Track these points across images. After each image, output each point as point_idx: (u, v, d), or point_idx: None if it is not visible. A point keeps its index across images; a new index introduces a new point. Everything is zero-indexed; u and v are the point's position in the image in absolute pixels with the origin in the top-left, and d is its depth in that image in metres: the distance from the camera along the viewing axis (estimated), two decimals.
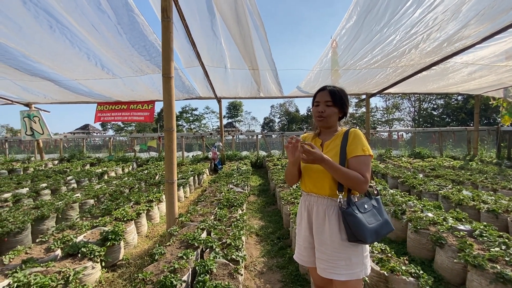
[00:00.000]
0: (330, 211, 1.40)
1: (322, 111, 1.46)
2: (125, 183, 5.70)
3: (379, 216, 1.38)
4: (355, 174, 1.31)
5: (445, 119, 33.50)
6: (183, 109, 44.81)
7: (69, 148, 14.66)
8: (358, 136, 1.40)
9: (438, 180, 5.46)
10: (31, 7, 3.69)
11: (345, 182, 1.33)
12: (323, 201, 1.43)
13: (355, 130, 1.43)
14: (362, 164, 1.34)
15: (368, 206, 1.38)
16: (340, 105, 1.47)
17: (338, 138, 1.46)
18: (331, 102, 1.44)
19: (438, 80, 7.33)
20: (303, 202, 1.55)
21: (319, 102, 1.48)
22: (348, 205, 1.33)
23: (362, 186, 1.31)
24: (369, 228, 1.30)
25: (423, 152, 10.45)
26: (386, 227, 1.37)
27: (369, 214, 1.35)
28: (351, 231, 1.30)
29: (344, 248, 1.35)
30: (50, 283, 1.95)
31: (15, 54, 4.96)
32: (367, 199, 1.42)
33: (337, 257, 1.35)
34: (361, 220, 1.30)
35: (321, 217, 1.42)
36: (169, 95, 3.08)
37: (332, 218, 1.38)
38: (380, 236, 1.34)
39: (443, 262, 2.53)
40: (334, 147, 1.44)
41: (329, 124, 1.49)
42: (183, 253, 2.34)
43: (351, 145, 1.38)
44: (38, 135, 9.32)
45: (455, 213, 3.30)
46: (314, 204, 1.46)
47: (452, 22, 4.10)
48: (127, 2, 3.82)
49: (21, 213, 3.62)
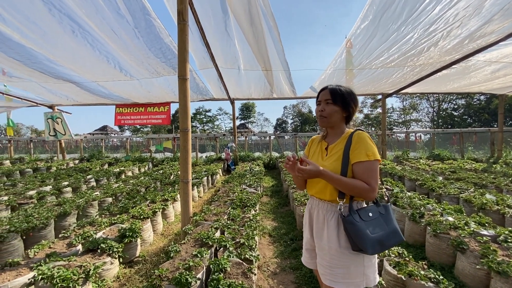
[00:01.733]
0: (330, 216, 1.35)
1: (322, 110, 1.41)
2: (141, 182, 5.86)
3: (386, 225, 1.28)
4: (358, 183, 1.24)
5: (467, 120, 32.12)
6: (197, 111, 45.53)
7: (89, 148, 15.24)
8: (362, 140, 1.30)
9: (459, 183, 5.24)
10: (56, 13, 3.88)
11: (348, 192, 1.27)
12: (323, 205, 1.39)
13: (359, 133, 1.34)
14: (367, 170, 1.25)
15: (374, 214, 1.29)
16: (342, 104, 1.38)
17: (343, 141, 1.38)
18: (331, 100, 1.38)
19: (459, 79, 7.04)
20: (307, 206, 1.54)
21: (320, 101, 1.44)
22: (349, 213, 1.26)
23: (368, 194, 1.24)
24: (371, 238, 1.21)
25: (443, 154, 10.06)
26: (394, 237, 1.27)
27: (373, 223, 1.26)
28: (352, 240, 1.24)
29: (342, 255, 1.29)
30: (72, 276, 2.03)
31: (40, 58, 5.22)
32: (374, 207, 1.32)
33: (335, 264, 1.30)
34: (361, 229, 1.22)
35: (321, 222, 1.38)
36: (184, 96, 3.14)
37: (331, 223, 1.33)
38: (386, 247, 1.25)
39: (465, 268, 2.43)
40: (337, 151, 1.37)
41: (330, 123, 1.42)
42: (198, 252, 2.38)
43: (355, 149, 1.30)
44: (61, 135, 9.75)
45: (477, 217, 3.16)
46: (315, 208, 1.43)
47: (474, 18, 3.93)
48: (144, 6, 3.93)
49: (45, 209, 3.80)
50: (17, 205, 4.38)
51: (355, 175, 1.29)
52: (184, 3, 3.05)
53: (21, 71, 5.78)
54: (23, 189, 5.22)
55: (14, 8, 3.77)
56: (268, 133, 13.46)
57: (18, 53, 4.93)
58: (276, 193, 6.03)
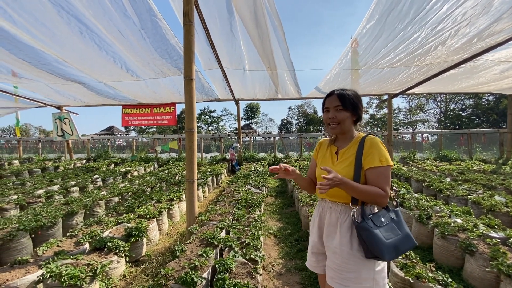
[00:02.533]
0: (343, 218, 1.32)
1: (333, 117, 1.37)
2: (147, 182, 5.91)
3: (399, 230, 1.26)
4: (374, 190, 1.22)
5: (475, 121, 31.57)
6: (202, 111, 45.75)
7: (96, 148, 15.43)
8: (375, 145, 1.29)
9: (467, 184, 5.15)
10: (64, 15, 3.94)
11: (363, 199, 1.25)
12: (336, 207, 1.36)
13: (372, 138, 1.32)
14: (381, 176, 1.24)
15: (386, 219, 1.27)
16: (352, 108, 1.36)
17: (354, 146, 1.36)
18: (341, 106, 1.35)
19: (467, 79, 6.92)
20: (317, 208, 1.51)
21: (329, 108, 1.40)
22: (363, 219, 1.23)
23: (382, 201, 1.23)
24: (386, 244, 1.19)
25: (450, 154, 9.91)
26: (407, 242, 1.25)
27: (386, 228, 1.24)
28: (367, 247, 1.21)
29: (354, 259, 1.26)
30: (79, 274, 2.06)
31: (49, 59, 5.31)
32: (385, 212, 1.29)
33: (346, 268, 1.27)
34: (376, 235, 1.19)
35: (333, 224, 1.35)
36: (190, 96, 3.16)
37: (344, 226, 1.31)
38: (400, 252, 1.23)
39: (474, 271, 2.39)
40: (349, 156, 1.35)
41: (343, 130, 1.39)
42: (203, 251, 2.39)
43: (368, 155, 1.28)
44: (68, 136, 9.89)
45: (486, 219, 3.11)
46: (328, 210, 1.40)
47: (483, 17, 3.87)
48: (150, 7, 3.97)
49: (53, 208, 3.86)
50: (26, 204, 4.45)
51: (368, 181, 1.27)
52: (190, 4, 3.07)
53: (30, 72, 5.89)
54: (31, 189, 5.32)
55: (24, 10, 3.84)
56: (273, 134, 13.46)
57: (28, 54, 5.02)
58: (281, 194, 6.01)
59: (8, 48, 4.74)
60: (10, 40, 4.50)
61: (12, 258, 2.73)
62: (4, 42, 4.54)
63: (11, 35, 4.38)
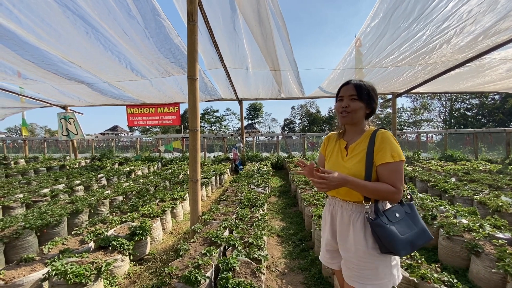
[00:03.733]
0: (355, 217, 1.29)
1: (346, 106, 1.32)
2: (151, 181, 5.94)
3: (414, 224, 1.24)
4: (385, 187, 1.19)
5: (480, 120, 31.20)
6: (205, 111, 45.87)
7: (100, 148, 15.55)
8: (386, 139, 1.24)
9: (473, 184, 5.09)
10: (70, 15, 3.98)
11: (374, 197, 1.23)
12: (347, 206, 1.33)
13: (383, 132, 1.27)
14: (393, 172, 1.20)
15: (400, 214, 1.24)
16: (367, 100, 1.32)
17: (365, 140, 1.32)
18: (356, 96, 1.30)
19: (472, 78, 6.84)
20: (327, 206, 1.48)
21: (343, 96, 1.35)
22: (376, 215, 1.21)
23: (394, 197, 1.20)
24: (402, 239, 1.17)
25: (456, 154, 9.80)
26: (423, 236, 1.23)
27: (401, 224, 1.22)
28: (382, 243, 1.19)
29: (370, 257, 1.24)
30: (84, 272, 2.08)
31: (54, 60, 5.37)
32: (398, 206, 1.27)
33: (363, 266, 1.26)
34: (392, 231, 1.17)
35: (346, 223, 1.33)
36: (193, 96, 3.17)
37: (357, 225, 1.28)
38: (416, 247, 1.21)
39: (480, 272, 2.36)
40: (360, 152, 1.31)
41: (354, 120, 1.34)
42: (207, 250, 2.39)
43: (379, 150, 1.24)
44: (73, 135, 9.99)
45: (492, 220, 3.07)
46: (339, 209, 1.37)
47: (489, 14, 3.81)
48: (154, 7, 3.99)
49: (58, 207, 3.90)
50: (32, 203, 4.51)
51: (380, 177, 1.24)
52: (194, 3, 3.08)
53: (36, 73, 5.95)
54: (37, 187, 5.38)
55: (30, 11, 3.88)
56: (276, 133, 13.44)
57: (33, 55, 5.07)
58: (284, 194, 6.00)
59: (14, 49, 4.80)
60: (16, 41, 4.56)
61: (18, 256, 2.77)
62: (10, 43, 4.60)
63: (17, 36, 4.44)
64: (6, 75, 6.02)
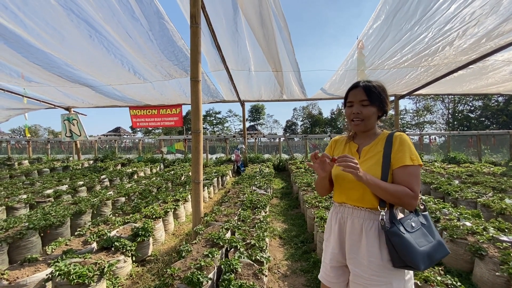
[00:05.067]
0: (369, 225, 1.18)
1: (358, 113, 1.23)
2: (153, 182, 5.96)
3: (430, 236, 1.13)
4: (403, 189, 1.10)
5: (484, 122, 30.98)
6: (207, 113, 45.98)
7: (103, 149, 15.62)
8: (405, 142, 1.17)
9: (477, 187, 5.06)
10: (74, 18, 4.02)
11: (390, 200, 1.12)
12: (359, 213, 1.21)
13: (402, 134, 1.20)
14: (411, 176, 1.12)
15: (416, 224, 1.13)
16: (379, 103, 1.23)
17: (380, 143, 1.23)
18: (368, 101, 1.21)
19: (475, 80, 6.81)
20: (334, 214, 1.34)
21: (353, 102, 1.26)
22: (393, 223, 1.10)
23: (411, 202, 1.10)
24: (420, 252, 1.06)
25: (459, 157, 9.73)
26: (440, 250, 1.11)
27: (418, 234, 1.11)
28: (398, 255, 1.07)
29: (384, 270, 1.13)
30: (87, 273, 2.09)
31: (59, 63, 5.42)
32: (413, 216, 1.16)
33: (376, 281, 1.13)
34: (409, 241, 1.06)
35: (357, 233, 1.21)
36: (196, 98, 3.18)
37: (370, 234, 1.16)
38: (434, 261, 1.09)
39: (483, 275, 2.34)
40: (375, 154, 1.22)
41: (367, 127, 1.27)
42: (209, 252, 2.40)
43: (398, 152, 1.16)
44: (76, 136, 10.06)
45: (496, 222, 3.05)
46: (349, 217, 1.24)
47: (492, 16, 3.81)
48: (158, 10, 4.02)
49: (61, 208, 3.92)
50: (35, 203, 4.54)
51: (397, 181, 1.15)
52: (197, 6, 3.10)
53: (40, 75, 6.02)
54: (41, 188, 5.42)
55: (36, 14, 3.93)
56: (278, 135, 13.44)
57: (38, 58, 5.14)
58: (286, 195, 6.00)
59: (20, 51, 4.86)
60: (21, 43, 4.62)
61: (22, 256, 2.78)
62: (16, 45, 4.66)
63: (23, 39, 4.49)
64: (11, 77, 6.09)
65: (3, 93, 7.34)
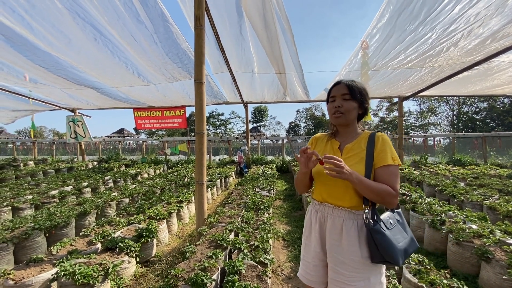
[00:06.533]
0: (349, 225, 1.22)
1: (339, 106, 1.28)
2: (157, 184, 5.99)
3: (405, 232, 1.22)
4: (386, 188, 1.15)
5: (489, 124, 30.64)
6: (210, 114, 46.15)
7: (107, 150, 15.74)
8: (387, 143, 1.24)
9: (483, 189, 5.00)
10: (79, 21, 4.08)
11: (374, 198, 1.17)
12: (340, 213, 1.25)
13: (383, 135, 1.27)
14: (392, 175, 1.18)
15: (393, 221, 1.21)
16: (360, 100, 1.29)
17: (362, 141, 1.28)
18: (349, 95, 1.27)
19: (480, 81, 6.76)
20: (313, 213, 1.37)
21: (335, 96, 1.31)
22: (375, 221, 1.16)
23: (393, 200, 1.16)
24: (399, 248, 1.14)
25: (464, 159, 9.63)
26: (413, 245, 1.22)
27: (395, 231, 1.19)
28: (378, 252, 1.14)
29: (363, 267, 1.19)
30: (92, 273, 2.10)
31: (64, 65, 5.49)
32: (390, 213, 1.23)
33: (356, 277, 1.19)
34: (390, 238, 1.13)
35: (338, 232, 1.24)
36: (200, 99, 3.20)
37: (350, 233, 1.21)
38: (408, 255, 1.19)
39: (490, 278, 2.31)
40: (358, 152, 1.26)
41: (348, 121, 1.31)
42: (213, 253, 2.39)
43: (381, 152, 1.21)
44: (81, 138, 10.15)
45: (503, 225, 3.01)
46: (329, 216, 1.28)
47: (497, 17, 3.79)
48: (162, 12, 4.06)
49: (66, 208, 3.95)
50: (41, 204, 4.58)
51: (379, 179, 1.20)
52: (201, 8, 3.12)
53: (46, 78, 6.10)
54: (46, 189, 5.47)
55: (42, 17, 3.99)
56: (281, 137, 13.42)
57: (44, 60, 5.20)
58: (289, 197, 5.98)
59: (26, 54, 4.94)
60: (28, 46, 4.69)
61: (27, 256, 2.81)
62: (22, 48, 4.73)
63: (29, 41, 4.56)
64: (18, 79, 6.17)
65: (9, 95, 7.44)
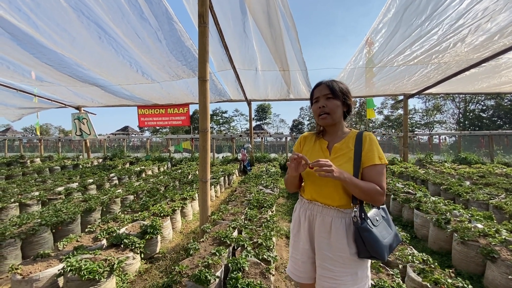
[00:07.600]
0: (338, 223, 1.26)
1: (323, 106, 1.31)
2: (161, 181, 6.03)
3: (390, 228, 1.28)
4: (374, 187, 1.19)
5: (496, 122, 30.19)
6: (214, 112, 46.21)
7: (111, 147, 15.88)
8: (374, 142, 1.27)
9: (489, 188, 4.94)
10: (84, 20, 4.09)
11: (362, 197, 1.20)
12: (329, 211, 1.29)
13: (370, 134, 1.29)
14: (380, 174, 1.22)
15: (379, 218, 1.26)
16: (342, 97, 1.31)
17: (350, 141, 1.30)
18: (331, 94, 1.30)
19: (488, 78, 6.64)
20: (302, 211, 1.39)
21: (318, 97, 1.34)
22: (363, 219, 1.20)
23: (380, 199, 1.20)
24: (384, 244, 1.20)
25: (470, 157, 9.51)
26: (396, 240, 1.28)
27: (381, 228, 1.24)
28: (365, 248, 1.19)
29: (351, 262, 1.24)
30: (98, 269, 2.13)
31: (69, 63, 5.53)
32: (376, 210, 1.28)
33: (344, 272, 1.24)
34: (377, 236, 1.18)
35: (327, 230, 1.28)
36: (204, 97, 3.20)
37: (339, 231, 1.25)
38: (392, 250, 1.25)
39: (495, 278, 2.29)
40: (347, 152, 1.29)
41: (334, 120, 1.33)
42: (216, 250, 2.41)
43: (368, 152, 1.25)
44: (86, 135, 10.25)
45: (509, 225, 2.97)
46: (318, 215, 1.31)
47: (505, 12, 3.71)
48: (167, 10, 4.05)
49: (72, 205, 4.01)
50: (47, 200, 4.65)
51: (367, 178, 1.23)
52: (205, 6, 3.11)
53: (52, 75, 6.15)
54: (52, 186, 5.54)
55: (47, 16, 4.01)
56: (284, 134, 13.38)
57: (50, 58, 5.24)
58: (292, 195, 5.98)
59: (32, 52, 4.98)
60: (33, 44, 4.72)
61: (34, 252, 2.86)
62: (29, 46, 4.77)
63: (35, 39, 4.60)
64: (24, 77, 6.24)
65: (16, 92, 7.53)
